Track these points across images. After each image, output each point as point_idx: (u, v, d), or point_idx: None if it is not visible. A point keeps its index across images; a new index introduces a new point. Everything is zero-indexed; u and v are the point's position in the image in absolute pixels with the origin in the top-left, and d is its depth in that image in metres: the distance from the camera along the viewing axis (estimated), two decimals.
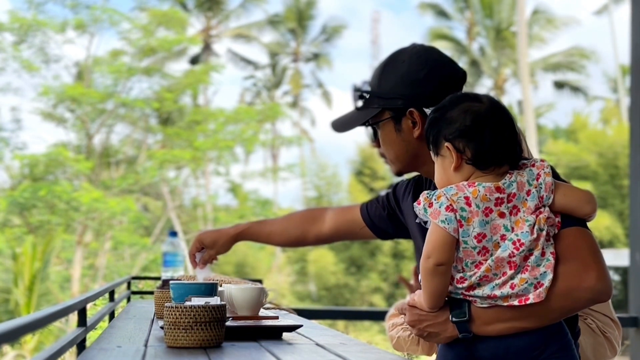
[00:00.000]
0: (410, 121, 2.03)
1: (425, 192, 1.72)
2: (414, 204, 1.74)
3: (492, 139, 1.72)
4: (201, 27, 29.83)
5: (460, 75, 2.06)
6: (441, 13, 29.70)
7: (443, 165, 1.77)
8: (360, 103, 2.11)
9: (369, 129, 2.14)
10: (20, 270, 17.57)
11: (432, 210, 1.68)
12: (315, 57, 31.84)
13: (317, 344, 1.84)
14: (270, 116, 25.37)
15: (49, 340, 14.79)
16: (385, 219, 2.31)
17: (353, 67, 44.82)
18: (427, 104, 1.98)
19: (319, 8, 31.65)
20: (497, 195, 1.69)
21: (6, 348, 13.25)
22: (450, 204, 1.67)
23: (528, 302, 1.67)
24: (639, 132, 4.06)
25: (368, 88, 2.10)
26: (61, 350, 1.72)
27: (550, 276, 1.68)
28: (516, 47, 27.21)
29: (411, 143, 2.04)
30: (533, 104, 26.91)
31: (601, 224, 21.79)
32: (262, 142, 25.69)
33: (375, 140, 2.13)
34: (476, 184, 1.70)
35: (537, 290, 1.67)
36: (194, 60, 28.69)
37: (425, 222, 2.11)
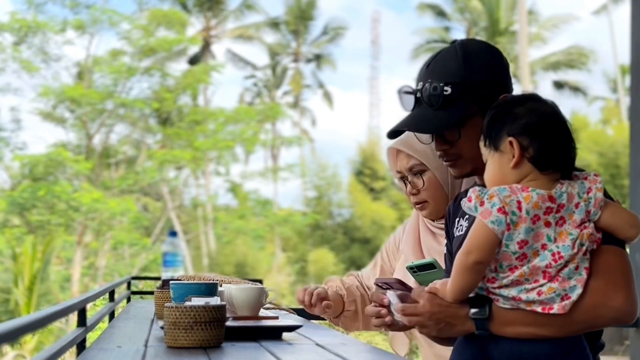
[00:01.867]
0: None
1: (477, 188, 1.69)
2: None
3: (557, 140, 1.71)
4: (201, 27, 29.84)
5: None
6: (440, 13, 29.71)
7: (500, 161, 1.73)
8: (439, 101, 1.90)
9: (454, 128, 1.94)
10: (20, 270, 17.58)
11: (483, 209, 1.65)
12: (317, 57, 31.85)
13: (317, 344, 1.84)
14: (271, 116, 25.38)
15: (49, 340, 14.79)
16: None
17: (353, 67, 44.85)
18: (509, 91, 1.94)
19: (320, 8, 31.66)
20: (548, 204, 1.67)
21: (6, 348, 13.25)
22: (503, 206, 1.64)
23: (552, 311, 1.65)
24: (638, 132, 4.05)
25: (446, 83, 1.91)
26: (61, 350, 1.72)
27: (579, 291, 1.66)
28: (515, 46, 27.22)
29: None
30: None
31: None
32: (262, 142, 25.71)
33: (446, 139, 1.95)
34: (530, 189, 1.67)
35: (563, 302, 1.66)
36: (194, 60, 28.69)
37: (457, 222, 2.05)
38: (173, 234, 2.65)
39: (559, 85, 29.36)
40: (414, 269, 2.22)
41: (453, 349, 1.84)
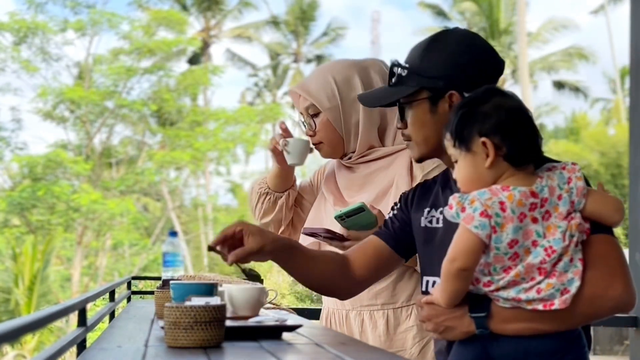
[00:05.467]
0: (447, 104, 1.96)
1: (457, 195, 1.69)
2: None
3: (527, 135, 1.70)
4: (200, 28, 29.82)
5: (501, 65, 2.01)
6: (440, 13, 29.69)
7: (474, 162, 1.72)
8: (394, 80, 2.03)
9: (399, 108, 2.06)
10: (21, 270, 17.58)
11: (465, 215, 1.64)
12: (318, 58, 31.83)
13: (317, 344, 1.84)
14: (271, 117, 25.37)
15: (49, 340, 14.79)
16: (399, 229, 2.13)
17: None
18: (468, 88, 1.92)
19: (321, 8, 31.62)
20: (532, 200, 1.66)
21: (6, 348, 13.24)
22: (485, 210, 1.63)
23: (553, 307, 1.65)
24: (638, 132, 4.06)
25: (405, 65, 2.02)
26: (61, 350, 1.72)
27: (577, 283, 1.66)
28: (515, 47, 27.21)
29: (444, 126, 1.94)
30: (533, 104, 26.90)
31: None
32: (262, 142, 25.70)
33: (403, 120, 2.06)
34: (511, 188, 1.66)
35: (563, 297, 1.65)
36: (194, 60, 28.67)
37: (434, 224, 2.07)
38: (173, 234, 2.65)
39: (559, 85, 29.36)
40: (342, 217, 2.29)
41: (451, 353, 1.83)
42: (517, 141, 1.69)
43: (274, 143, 2.59)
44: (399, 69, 2.02)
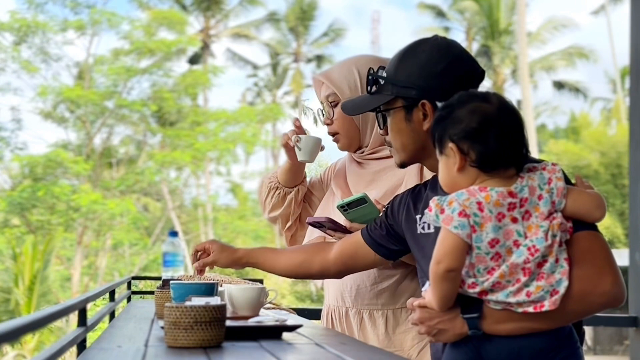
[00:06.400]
0: (421, 113, 1.99)
1: (436, 198, 1.70)
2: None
3: (498, 143, 1.69)
4: (200, 27, 29.82)
5: (478, 74, 2.02)
6: (440, 14, 29.69)
7: (447, 164, 1.74)
8: (373, 88, 2.07)
9: (379, 115, 2.11)
10: (21, 270, 17.58)
11: (444, 216, 1.66)
12: (318, 58, 31.83)
13: (317, 344, 1.84)
14: (271, 116, 25.37)
15: (49, 340, 14.79)
16: (385, 237, 2.17)
17: None
18: (441, 97, 1.93)
19: (321, 8, 31.64)
20: (509, 200, 1.67)
21: (6, 348, 13.24)
22: (463, 210, 1.64)
23: (543, 309, 1.65)
24: (638, 132, 4.05)
25: (384, 74, 2.06)
26: (61, 350, 1.72)
27: (565, 283, 1.66)
28: (515, 47, 27.21)
29: (419, 134, 2.00)
30: (533, 104, 26.90)
31: (601, 223, 21.69)
32: (262, 142, 25.71)
33: (384, 127, 2.10)
34: (488, 188, 1.67)
35: (553, 298, 1.66)
36: (194, 60, 28.66)
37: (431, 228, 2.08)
38: (173, 233, 2.65)
39: (559, 85, 29.36)
40: (345, 207, 2.31)
41: (444, 355, 1.83)
42: (486, 149, 1.69)
43: (286, 139, 2.61)
44: (377, 77, 2.06)
